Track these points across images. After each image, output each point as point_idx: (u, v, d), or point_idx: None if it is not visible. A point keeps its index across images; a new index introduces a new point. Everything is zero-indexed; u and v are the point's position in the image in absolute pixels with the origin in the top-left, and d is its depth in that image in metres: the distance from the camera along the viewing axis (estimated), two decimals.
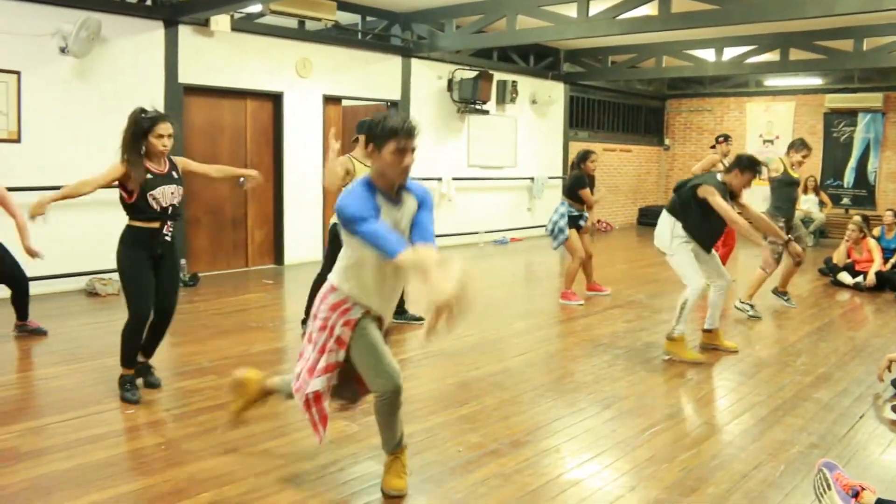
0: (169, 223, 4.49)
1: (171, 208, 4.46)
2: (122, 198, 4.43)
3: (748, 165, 5.55)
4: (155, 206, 4.38)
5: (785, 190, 7.48)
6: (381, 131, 3.12)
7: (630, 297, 7.95)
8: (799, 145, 7.53)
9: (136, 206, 4.38)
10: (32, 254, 5.72)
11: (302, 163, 9.89)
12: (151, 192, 4.36)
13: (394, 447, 3.38)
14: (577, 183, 7.65)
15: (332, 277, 3.34)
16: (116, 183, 4.37)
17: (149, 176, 4.35)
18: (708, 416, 4.50)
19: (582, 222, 7.69)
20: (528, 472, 3.59)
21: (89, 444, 3.82)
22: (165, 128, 4.37)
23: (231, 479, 3.42)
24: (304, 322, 6.01)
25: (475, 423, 4.21)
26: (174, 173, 4.52)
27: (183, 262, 8.52)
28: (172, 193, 4.46)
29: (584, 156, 7.73)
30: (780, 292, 7.77)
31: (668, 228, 5.63)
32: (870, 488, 3.04)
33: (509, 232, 13.05)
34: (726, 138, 9.37)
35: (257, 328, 6.41)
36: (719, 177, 5.61)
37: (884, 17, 9.79)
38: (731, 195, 5.59)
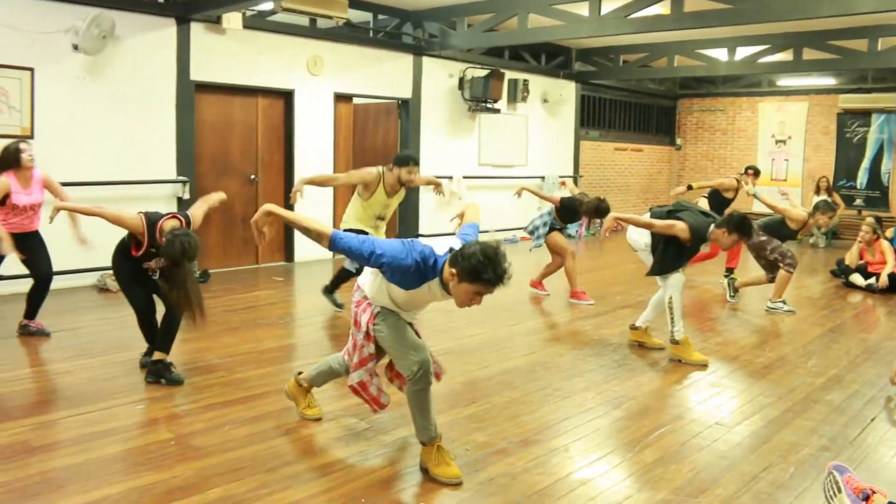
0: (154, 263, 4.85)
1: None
2: (127, 245, 4.84)
3: (738, 227, 5.34)
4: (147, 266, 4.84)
5: (783, 230, 7.52)
6: (470, 271, 3.10)
7: (640, 298, 7.91)
8: (825, 207, 7.49)
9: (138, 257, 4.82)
10: (83, 241, 5.81)
11: (313, 160, 9.90)
12: (148, 262, 4.80)
13: (432, 436, 3.52)
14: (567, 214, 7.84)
15: (361, 279, 3.70)
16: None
17: (152, 250, 4.74)
18: (717, 416, 4.48)
19: (568, 232, 8.03)
20: (537, 471, 3.59)
21: (100, 438, 3.84)
22: (166, 227, 4.69)
23: (240, 475, 3.43)
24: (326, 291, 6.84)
25: (483, 423, 4.21)
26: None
27: None
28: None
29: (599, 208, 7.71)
30: (731, 281, 8.20)
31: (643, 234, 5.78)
32: (881, 492, 3.02)
33: (519, 231, 13.01)
34: (756, 173, 9.53)
35: (267, 325, 6.42)
36: (711, 229, 5.42)
37: None
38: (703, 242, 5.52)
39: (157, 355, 4.76)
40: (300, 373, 4.23)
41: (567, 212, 7.79)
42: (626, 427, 4.23)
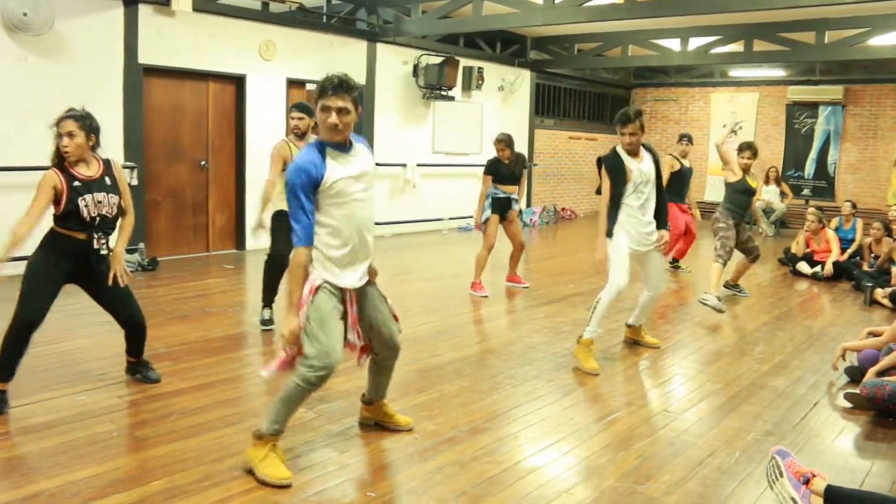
0: (98, 235, 4.12)
1: (98, 219, 4.08)
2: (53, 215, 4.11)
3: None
4: (85, 214, 4.02)
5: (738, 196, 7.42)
6: (315, 95, 3.35)
7: (592, 286, 7.97)
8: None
9: (63, 213, 4.01)
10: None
11: (264, 147, 9.67)
12: (83, 197, 4.01)
13: (274, 431, 3.35)
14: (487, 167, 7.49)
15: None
16: None
17: (75, 183, 4.01)
18: (665, 404, 4.53)
19: (514, 206, 7.55)
20: (486, 459, 3.58)
21: (39, 431, 3.73)
22: (63, 126, 4.03)
23: (184, 466, 3.37)
24: (267, 307, 5.84)
25: (433, 411, 4.19)
26: (107, 179, 4.14)
27: (141, 245, 8.38)
28: (100, 202, 4.06)
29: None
30: (732, 285, 7.84)
31: None
32: (820, 475, 3.08)
33: (472, 219, 13.00)
34: (689, 140, 9.13)
35: (217, 314, 6.32)
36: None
37: (845, 11, 9.92)
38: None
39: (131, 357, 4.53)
40: None
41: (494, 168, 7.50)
42: (575, 415, 4.25)
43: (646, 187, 5.18)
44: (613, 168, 5.19)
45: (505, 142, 7.47)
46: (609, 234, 5.14)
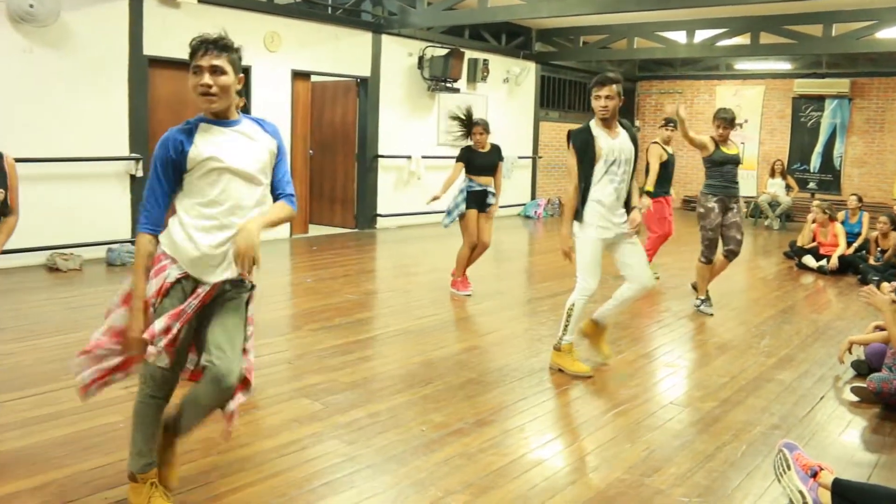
0: None
1: None
2: None
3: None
4: None
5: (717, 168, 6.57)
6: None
7: None
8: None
9: None
10: None
11: None
12: None
13: (143, 466, 2.88)
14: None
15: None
16: None
17: None
18: (671, 396, 4.52)
19: (489, 200, 7.08)
20: (492, 451, 3.58)
21: (46, 421, 3.74)
22: None
23: (190, 457, 3.37)
24: None
25: (440, 403, 4.19)
26: None
27: None
28: None
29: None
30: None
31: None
32: (828, 468, 3.07)
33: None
34: (675, 125, 8.03)
35: None
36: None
37: (852, 3, 9.87)
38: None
39: None
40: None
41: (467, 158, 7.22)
42: (581, 407, 4.25)
43: (619, 168, 4.60)
44: (581, 143, 4.58)
45: (483, 126, 7.15)
46: (578, 218, 4.65)
